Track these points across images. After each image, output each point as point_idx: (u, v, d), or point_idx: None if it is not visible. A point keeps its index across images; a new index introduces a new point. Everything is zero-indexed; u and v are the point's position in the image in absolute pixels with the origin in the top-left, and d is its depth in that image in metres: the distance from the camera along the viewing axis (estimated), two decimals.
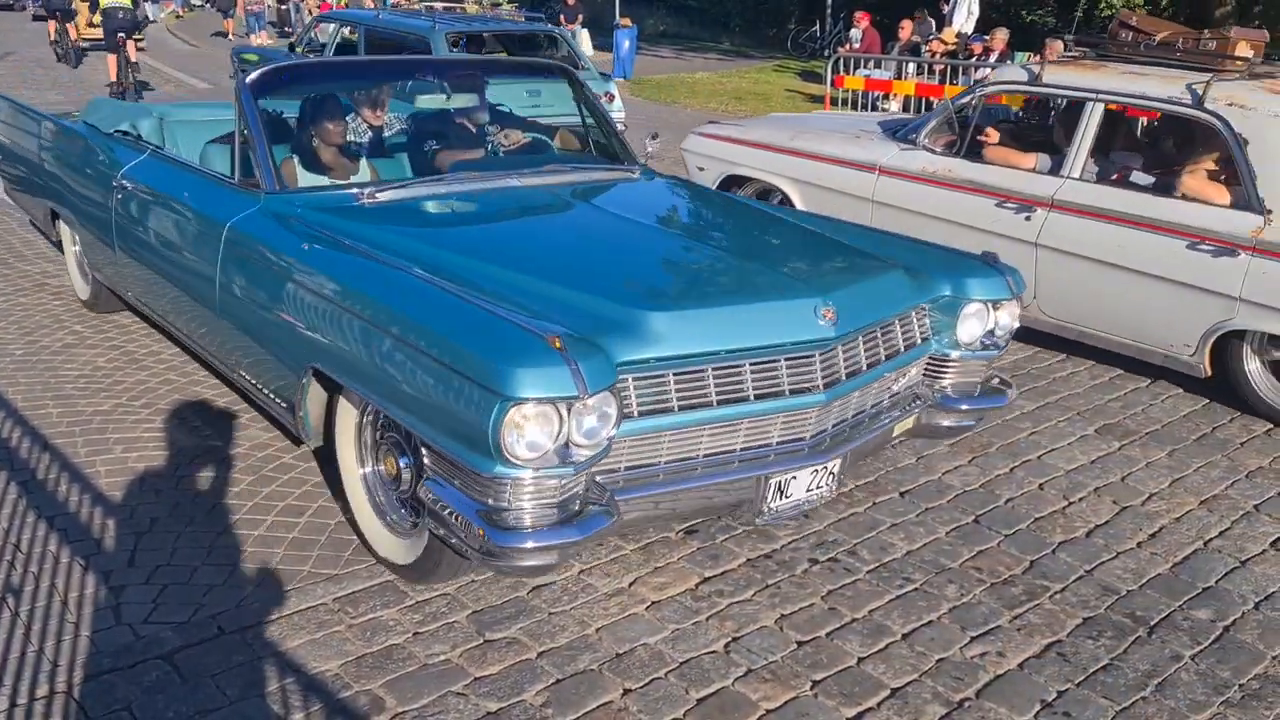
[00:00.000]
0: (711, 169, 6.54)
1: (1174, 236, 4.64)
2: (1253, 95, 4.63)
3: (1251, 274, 4.42)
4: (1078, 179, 5.05)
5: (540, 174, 4.20)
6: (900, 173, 5.64)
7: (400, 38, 10.20)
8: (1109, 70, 5.20)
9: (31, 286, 6.10)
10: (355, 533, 3.42)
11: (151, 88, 16.40)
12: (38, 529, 3.47)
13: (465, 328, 2.69)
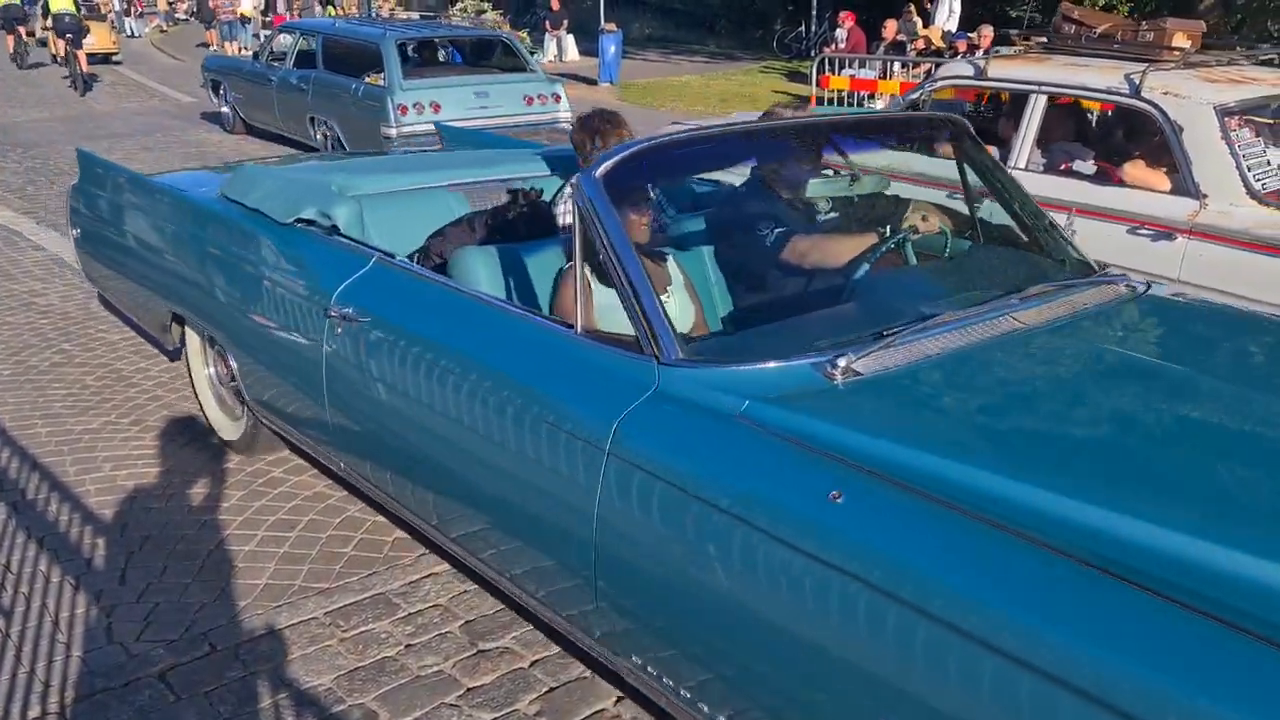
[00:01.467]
0: None
1: (1115, 222, 4.75)
2: (1187, 84, 4.76)
3: (1189, 256, 4.52)
4: (1024, 169, 5.10)
5: (1025, 302, 2.56)
6: None
7: (355, 45, 10.60)
8: (1052, 63, 5.34)
9: (19, 306, 6.08)
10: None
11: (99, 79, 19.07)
12: (28, 549, 3.46)
13: None
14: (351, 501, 3.77)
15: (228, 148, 11.99)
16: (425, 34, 11.92)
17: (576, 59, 22.89)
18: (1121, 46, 5.35)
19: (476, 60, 11.80)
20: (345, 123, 10.38)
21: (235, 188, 3.84)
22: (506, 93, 10.30)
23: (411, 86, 9.81)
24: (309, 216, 3.47)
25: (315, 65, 10.88)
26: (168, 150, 11.84)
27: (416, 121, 9.62)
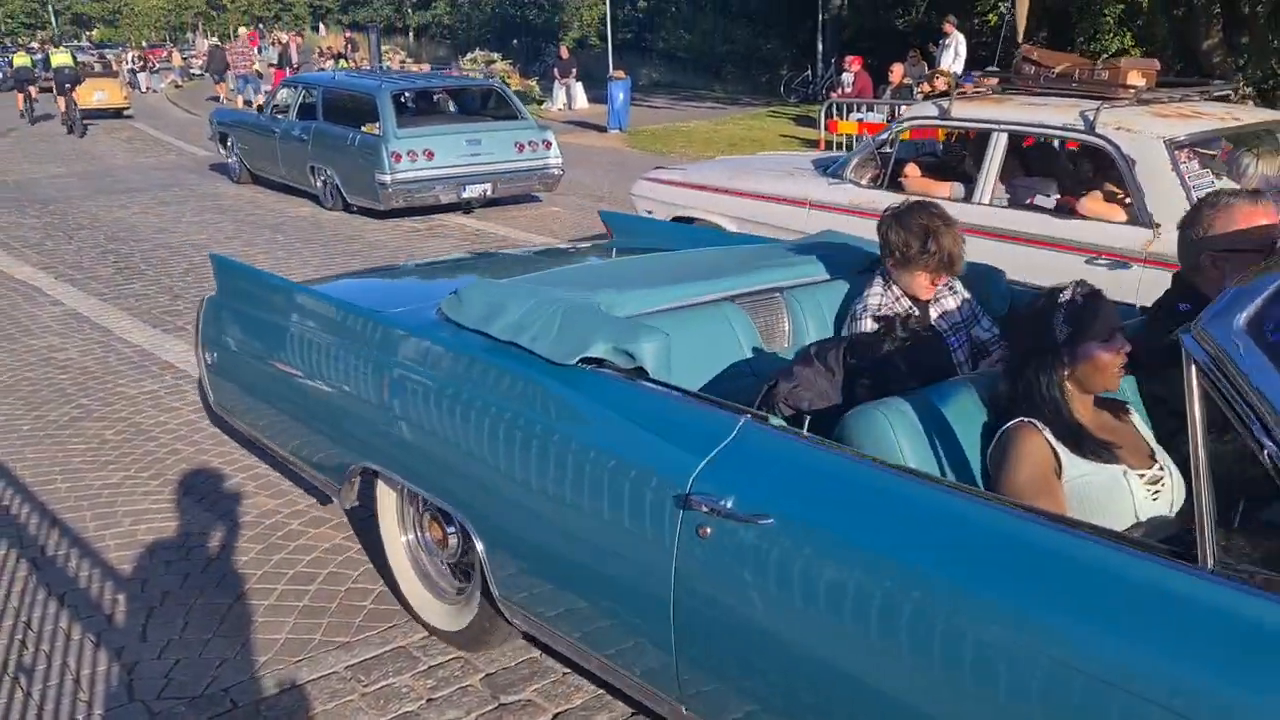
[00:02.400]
0: (659, 211, 6.93)
1: (1074, 254, 4.92)
2: (1139, 119, 4.98)
3: (1145, 283, 4.65)
4: (987, 204, 5.33)
5: None
6: (829, 206, 5.94)
7: (353, 97, 11.14)
8: (1012, 102, 5.55)
9: (37, 361, 6.13)
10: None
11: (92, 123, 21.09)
12: (48, 606, 3.46)
13: None
14: (371, 553, 3.76)
15: (244, 199, 12.13)
16: (419, 85, 12.52)
17: (586, 107, 23.14)
18: (1079, 85, 5.57)
19: (470, 109, 12.24)
20: (343, 171, 10.86)
21: (468, 311, 2.90)
22: (498, 140, 10.79)
23: (405, 135, 10.23)
24: (599, 355, 2.55)
25: (316, 116, 11.34)
26: (184, 204, 11.98)
27: (410, 169, 10.13)
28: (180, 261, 8.82)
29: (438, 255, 8.62)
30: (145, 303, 7.43)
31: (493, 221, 10.68)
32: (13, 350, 6.33)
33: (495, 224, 10.53)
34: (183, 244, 9.59)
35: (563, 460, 2.45)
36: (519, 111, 11.53)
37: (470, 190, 10.61)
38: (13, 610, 3.43)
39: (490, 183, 10.68)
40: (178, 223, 10.74)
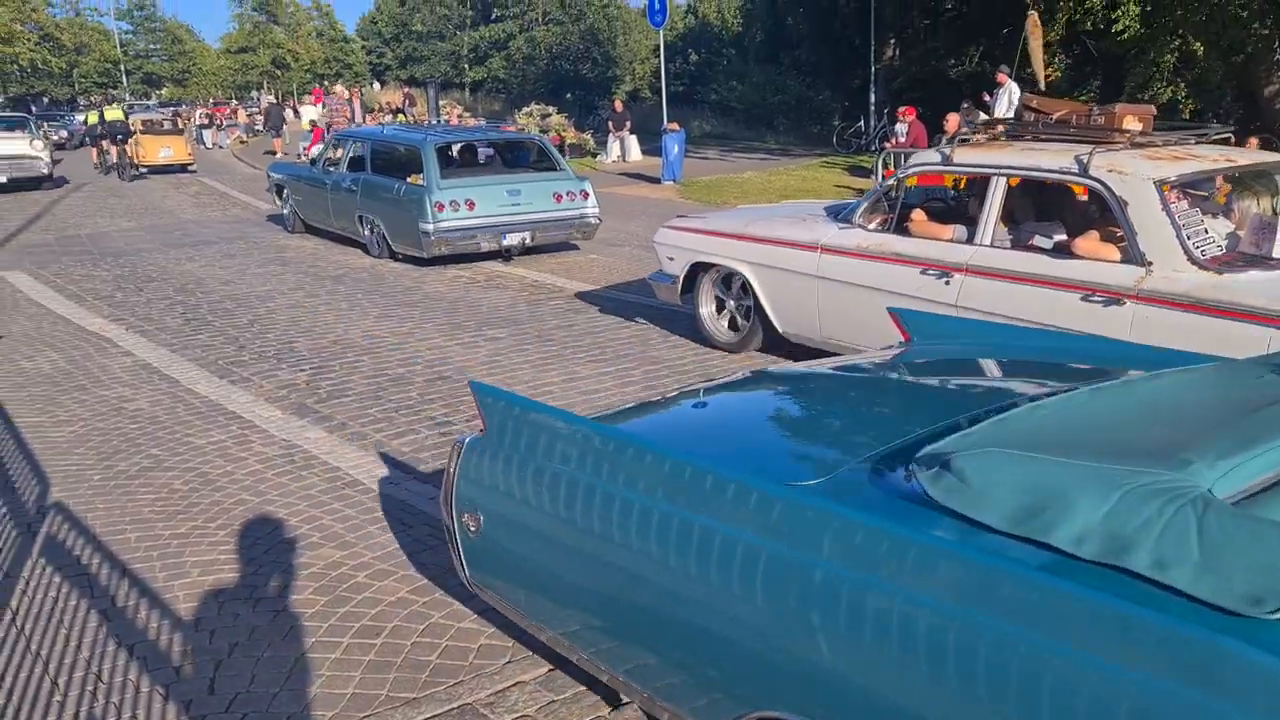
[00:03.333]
0: (680, 258, 7.26)
1: (1070, 291, 5.14)
2: (1130, 162, 5.15)
3: (1137, 319, 4.89)
4: (989, 246, 5.56)
5: None
6: (839, 250, 6.21)
7: (399, 150, 11.81)
8: (1012, 148, 5.79)
9: (108, 411, 6.24)
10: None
11: (144, 175, 23.70)
12: (118, 658, 3.48)
13: None
14: (435, 607, 3.75)
15: (306, 252, 12.36)
16: (462, 138, 13.04)
17: (640, 159, 23.37)
18: (1076, 130, 5.80)
19: (511, 161, 12.65)
20: (389, 220, 11.36)
21: (989, 502, 1.95)
22: (537, 190, 11.18)
23: (448, 186, 10.68)
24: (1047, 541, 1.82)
25: (364, 169, 11.87)
26: (249, 256, 12.24)
27: (452, 218, 10.58)
28: (245, 313, 8.98)
29: (505, 310, 8.70)
30: (212, 353, 7.56)
31: (533, 269, 10.91)
32: (84, 401, 6.46)
33: (535, 271, 10.72)
34: (248, 295, 9.77)
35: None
36: (558, 163, 11.92)
37: (510, 238, 10.97)
38: (83, 661, 3.45)
39: (529, 231, 11.06)
40: (243, 275, 10.96)
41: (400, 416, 5.97)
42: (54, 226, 15.73)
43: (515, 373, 6.82)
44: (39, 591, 3.95)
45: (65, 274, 11.27)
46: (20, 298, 10.00)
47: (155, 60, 72.55)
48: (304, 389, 6.58)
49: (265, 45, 64.19)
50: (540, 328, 8.13)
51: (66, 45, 55.03)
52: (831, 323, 6.36)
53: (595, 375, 6.71)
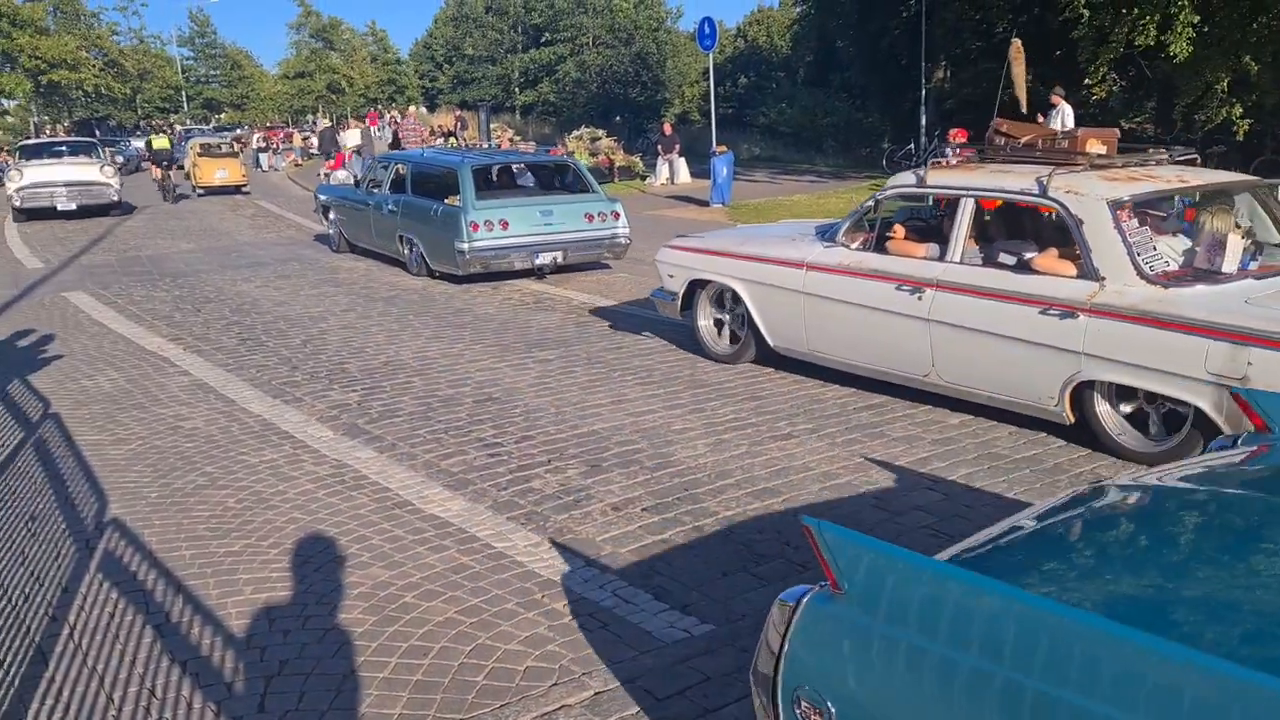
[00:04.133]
0: (679, 275, 7.66)
1: (1030, 305, 5.42)
2: (1087, 183, 5.45)
3: (1090, 331, 5.18)
4: (958, 263, 5.86)
5: None
6: (823, 267, 6.57)
7: (438, 172, 12.23)
8: (981, 170, 6.11)
9: (165, 429, 6.36)
10: None
11: (188, 195, 24.95)
12: (171, 673, 3.53)
13: None
14: (482, 629, 3.76)
15: (359, 273, 12.54)
16: (498, 160, 13.67)
17: (688, 181, 23.42)
18: (1042, 153, 6.10)
19: (545, 183, 13.14)
20: (427, 239, 11.79)
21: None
22: (569, 211, 11.56)
23: (483, 206, 11.09)
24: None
25: (405, 190, 12.30)
26: (302, 277, 12.45)
27: (487, 238, 10.96)
28: (299, 334, 9.12)
29: (553, 331, 8.75)
30: (266, 373, 7.69)
31: (564, 286, 11.15)
32: (142, 419, 6.59)
33: (583, 292, 10.80)
34: (301, 316, 9.93)
35: None
36: (590, 185, 12.34)
37: (542, 257, 11.30)
38: (138, 677, 3.51)
39: (561, 250, 11.39)
40: (296, 296, 11.14)
41: (449, 437, 6.02)
42: (115, 248, 16.12)
43: (563, 394, 6.84)
44: (96, 607, 4.03)
45: (126, 294, 11.54)
46: (83, 317, 10.25)
47: (215, 86, 74.21)
48: (355, 409, 6.66)
49: (321, 70, 65.35)
50: (589, 349, 8.16)
51: (130, 71, 56.44)
52: (816, 337, 6.72)
53: (643, 397, 6.72)
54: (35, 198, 19.94)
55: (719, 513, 4.77)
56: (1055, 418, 5.49)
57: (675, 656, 3.53)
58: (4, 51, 44.58)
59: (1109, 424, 5.36)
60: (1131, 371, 5.09)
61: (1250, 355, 4.63)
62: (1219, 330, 4.75)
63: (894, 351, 6.18)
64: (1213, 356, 4.74)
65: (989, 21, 24.55)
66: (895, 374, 6.29)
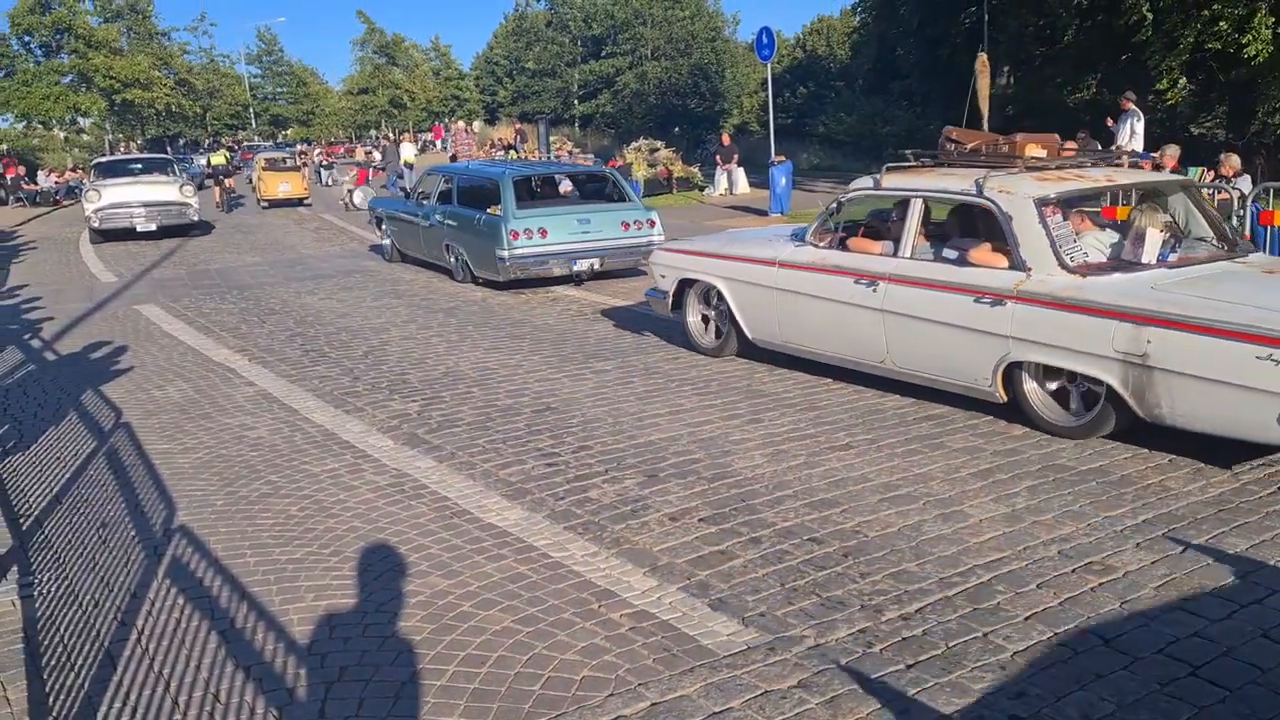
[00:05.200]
0: (670, 275, 8.30)
1: (966, 294, 5.97)
2: (1018, 183, 6.01)
3: (1016, 317, 5.73)
4: (908, 258, 6.42)
5: None
6: (793, 264, 7.18)
7: (482, 183, 12.89)
8: (930, 173, 6.74)
9: (231, 439, 6.49)
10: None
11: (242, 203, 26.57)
12: (235, 678, 3.59)
13: None
14: (539, 638, 3.77)
15: (420, 284, 12.70)
16: (539, 171, 14.41)
17: (747, 191, 23.35)
18: (985, 157, 6.64)
19: (584, 192, 13.64)
20: (470, 248, 12.32)
21: None
22: (606, 220, 11.97)
23: (523, 215, 11.58)
24: None
25: (451, 201, 12.85)
26: (364, 289, 12.63)
27: (526, 245, 11.41)
28: (360, 345, 9.25)
29: (610, 342, 8.77)
30: (328, 384, 7.81)
31: (601, 294, 11.40)
32: (209, 428, 6.73)
33: (604, 295, 11.06)
34: (363, 328, 10.08)
35: None
36: (627, 194, 12.87)
37: (580, 264, 11.73)
38: (203, 681, 3.58)
39: (598, 257, 11.79)
40: (358, 307, 11.31)
41: (508, 447, 6.05)
42: (186, 261, 16.51)
43: (621, 405, 6.85)
44: (163, 612, 4.12)
45: (195, 307, 11.81)
46: (154, 329, 10.51)
47: (281, 102, 75.78)
48: (415, 419, 6.73)
49: (384, 86, 66.41)
50: (646, 360, 8.17)
51: (200, 89, 57.88)
52: (788, 329, 7.31)
53: (700, 408, 6.70)
54: (114, 218, 19.44)
55: (776, 524, 4.73)
56: (989, 397, 6.02)
57: (732, 669, 3.50)
58: (80, 72, 45.96)
59: (1035, 401, 5.87)
60: (1052, 352, 5.63)
61: (1149, 334, 5.15)
62: (1123, 313, 5.27)
63: (854, 340, 6.75)
64: (1118, 336, 5.27)
65: (1052, 27, 24.12)
66: (856, 361, 6.86)
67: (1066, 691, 3.30)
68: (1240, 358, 4.81)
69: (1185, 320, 5.03)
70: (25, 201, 31.04)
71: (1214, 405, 5.01)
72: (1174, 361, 5.07)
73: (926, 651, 3.56)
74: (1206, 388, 4.99)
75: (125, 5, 53.46)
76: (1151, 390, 5.22)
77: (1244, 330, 4.82)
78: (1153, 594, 3.94)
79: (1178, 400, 5.14)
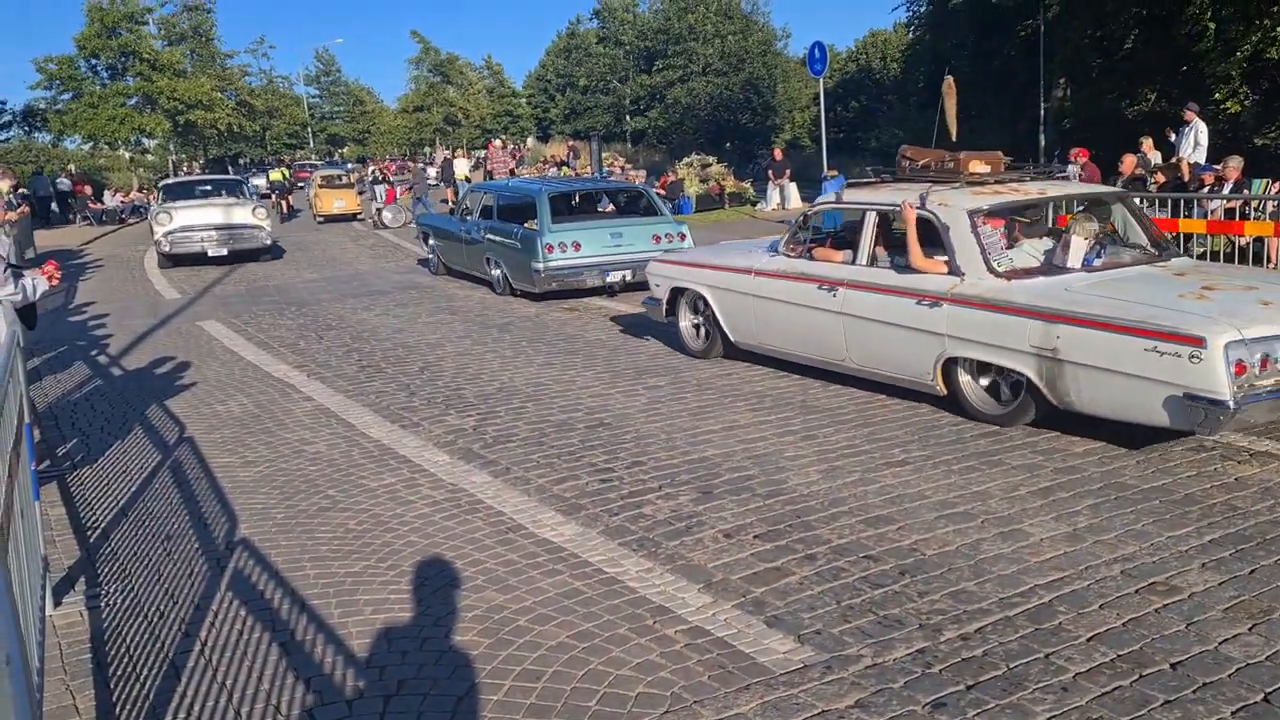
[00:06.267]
0: (664, 284, 9.05)
1: (910, 297, 6.62)
2: (956, 196, 6.66)
3: (950, 317, 6.36)
4: (865, 265, 7.12)
5: None
6: (766, 272, 7.89)
7: (520, 199, 13.37)
8: (885, 188, 7.44)
9: (290, 453, 6.59)
10: None
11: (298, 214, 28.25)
12: (295, 690, 3.64)
13: None
14: (594, 654, 3.78)
15: (474, 300, 12.82)
16: (574, 187, 15.01)
17: (799, 206, 23.25)
18: (934, 173, 7.25)
19: (618, 207, 14.06)
20: (508, 261, 12.85)
21: None
22: (638, 233, 12.37)
23: (558, 229, 12.07)
24: None
25: (492, 216, 13.38)
26: (420, 305, 12.79)
27: (560, 258, 11.93)
28: (416, 360, 9.36)
29: (663, 358, 8.79)
30: (385, 399, 7.91)
31: (631, 305, 11.47)
32: (270, 443, 6.85)
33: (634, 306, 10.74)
34: (418, 343, 10.19)
35: None
36: (659, 209, 13.45)
37: (612, 276, 12.16)
38: (264, 693, 3.63)
39: (630, 269, 12.02)
40: (414, 323, 11.45)
41: (562, 462, 6.08)
42: (246, 278, 16.83)
43: (674, 420, 6.86)
44: (226, 624, 4.19)
45: (255, 323, 12.03)
46: (216, 345, 10.72)
47: (338, 121, 77.07)
48: (470, 434, 6.79)
49: (438, 104, 67.24)
50: (699, 376, 8.16)
51: (259, 110, 59.05)
52: (763, 331, 8.01)
53: (754, 424, 6.68)
54: (184, 242, 18.37)
55: (832, 541, 4.70)
56: (931, 390, 6.65)
57: (789, 687, 3.48)
58: (145, 94, 47.12)
59: (970, 393, 6.49)
60: (981, 348, 6.25)
61: (1059, 331, 5.75)
62: (1038, 312, 5.88)
63: (818, 341, 7.44)
64: (1033, 333, 5.89)
65: (1110, 38, 23.78)
66: (821, 361, 7.55)
67: (1131, 715, 3.23)
68: (1132, 350, 5.41)
69: (1088, 318, 5.65)
70: (92, 220, 31.84)
71: (1112, 393, 5.62)
72: (1078, 354, 5.68)
73: (987, 672, 3.51)
74: (1106, 377, 5.60)
75: (189, 29, 54.83)
76: (1061, 381, 5.83)
77: (1135, 326, 5.43)
78: (1220, 616, 3.85)
79: (1083, 389, 5.75)
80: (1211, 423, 5.14)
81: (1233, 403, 5.07)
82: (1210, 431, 5.27)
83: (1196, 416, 5.17)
